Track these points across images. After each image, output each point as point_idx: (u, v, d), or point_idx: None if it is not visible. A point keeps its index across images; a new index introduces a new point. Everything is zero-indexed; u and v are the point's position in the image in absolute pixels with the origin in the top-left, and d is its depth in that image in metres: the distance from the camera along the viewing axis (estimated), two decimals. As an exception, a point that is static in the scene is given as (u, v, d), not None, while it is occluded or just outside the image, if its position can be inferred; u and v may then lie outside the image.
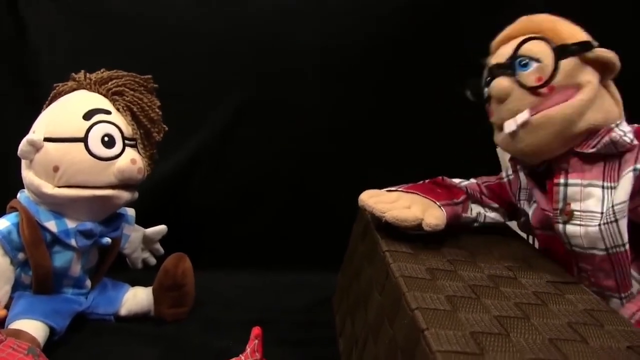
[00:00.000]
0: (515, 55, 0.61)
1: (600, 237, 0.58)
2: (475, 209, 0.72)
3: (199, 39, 0.95)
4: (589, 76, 0.59)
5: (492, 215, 0.73)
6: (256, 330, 0.62)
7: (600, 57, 0.59)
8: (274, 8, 0.94)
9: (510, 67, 0.61)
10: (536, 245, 0.70)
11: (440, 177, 0.72)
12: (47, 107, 0.71)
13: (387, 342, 0.47)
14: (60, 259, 0.69)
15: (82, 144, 0.65)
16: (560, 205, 0.62)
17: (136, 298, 0.76)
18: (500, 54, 0.64)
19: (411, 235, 0.61)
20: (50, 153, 0.66)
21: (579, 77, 0.59)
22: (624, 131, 0.59)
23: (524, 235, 0.73)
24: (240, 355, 0.60)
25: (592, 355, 0.40)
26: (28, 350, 0.47)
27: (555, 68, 0.58)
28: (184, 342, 0.71)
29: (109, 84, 0.71)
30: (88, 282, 0.73)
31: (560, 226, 0.61)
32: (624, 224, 0.56)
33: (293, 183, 0.97)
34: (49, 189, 0.66)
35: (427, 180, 0.71)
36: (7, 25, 0.91)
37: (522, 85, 0.60)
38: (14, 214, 0.68)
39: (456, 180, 0.73)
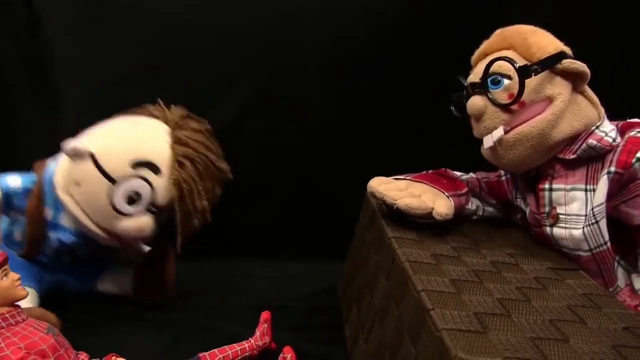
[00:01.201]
0: (486, 74, 0.63)
1: (583, 239, 0.60)
2: (474, 202, 0.73)
3: (207, 32, 0.96)
4: (559, 88, 0.61)
5: (489, 210, 0.75)
6: (265, 315, 0.64)
7: (568, 68, 0.60)
8: (281, 2, 0.95)
9: (483, 85, 0.63)
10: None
11: (443, 169, 0.74)
12: (116, 117, 0.70)
13: (394, 324, 0.49)
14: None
15: (109, 186, 0.64)
16: (547, 209, 0.64)
17: (115, 277, 0.78)
18: (476, 72, 0.66)
19: (417, 223, 0.62)
20: (83, 171, 0.65)
21: (549, 90, 0.61)
22: (604, 132, 0.61)
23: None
24: (250, 339, 0.62)
25: (590, 334, 0.42)
26: (47, 329, 0.49)
27: (521, 87, 0.60)
28: (194, 327, 0.72)
29: (188, 148, 0.68)
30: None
31: (548, 229, 0.64)
32: (604, 224, 0.59)
33: (299, 175, 0.99)
34: (62, 192, 0.67)
35: (430, 171, 0.73)
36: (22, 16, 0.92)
37: (494, 103, 0.62)
38: (30, 178, 0.69)
39: (457, 173, 0.75)
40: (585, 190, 0.61)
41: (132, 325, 0.72)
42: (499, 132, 0.62)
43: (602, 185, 0.58)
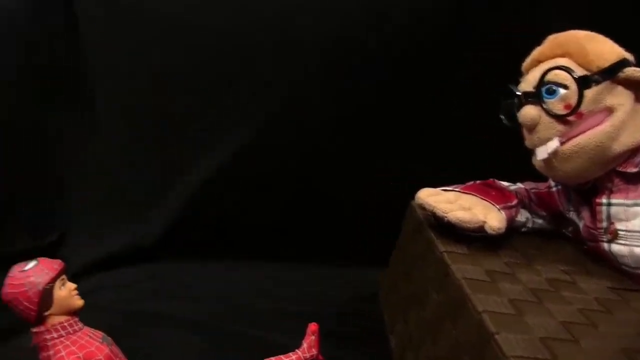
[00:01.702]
0: (541, 83, 0.60)
1: None
2: (524, 214, 0.71)
3: (209, 34, 0.96)
4: (620, 98, 0.58)
5: (539, 222, 0.73)
6: (313, 327, 0.63)
7: (632, 77, 0.57)
8: (281, 2, 0.94)
9: (537, 95, 0.60)
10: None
11: (491, 179, 0.72)
12: None
13: (450, 343, 0.48)
14: None
15: None
16: (605, 224, 0.61)
17: None
18: (529, 80, 0.63)
19: (465, 236, 0.61)
20: None
21: (609, 100, 0.58)
22: None
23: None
24: (297, 350, 0.61)
25: (666, 365, 0.40)
26: (102, 338, 0.49)
27: (580, 98, 0.57)
28: (228, 332, 0.73)
29: None
30: None
31: (605, 245, 0.61)
32: None
33: (300, 176, 0.98)
34: None
35: (477, 182, 0.71)
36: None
37: (549, 113, 0.59)
38: None
39: (505, 184, 0.73)
40: None
41: (163, 328, 0.72)
42: (554, 144, 0.59)
43: None
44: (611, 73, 0.58)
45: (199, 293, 0.86)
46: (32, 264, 0.48)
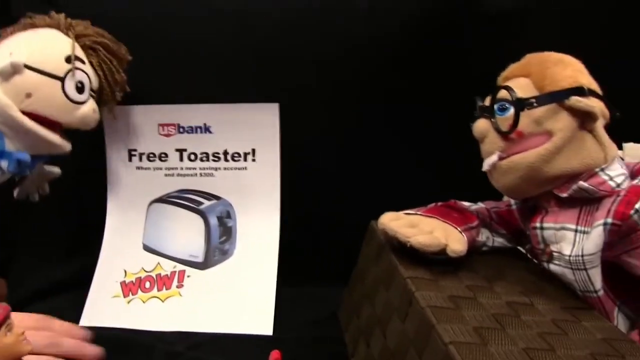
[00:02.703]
0: (494, 100, 0.64)
1: (574, 280, 0.60)
2: (484, 233, 0.73)
3: (201, 46, 0.93)
4: (562, 123, 0.60)
5: (500, 240, 0.75)
6: (275, 354, 0.62)
7: (575, 106, 0.59)
8: (279, 16, 0.93)
9: (490, 110, 0.64)
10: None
11: (453, 201, 0.73)
12: (16, 31, 0.74)
13: (417, 373, 0.48)
14: None
15: (59, 83, 0.71)
16: (542, 246, 0.64)
17: None
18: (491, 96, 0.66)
19: (427, 259, 0.62)
20: (28, 80, 0.69)
21: (550, 125, 0.60)
22: (609, 175, 0.59)
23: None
24: (260, 380, 0.61)
25: (622, 390, 0.42)
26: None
27: (516, 118, 0.61)
28: (185, 358, 0.72)
29: (87, 38, 0.76)
30: None
31: (545, 264, 0.64)
32: (594, 273, 0.58)
33: (292, 193, 0.96)
34: (14, 111, 0.68)
35: (439, 203, 0.72)
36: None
37: (495, 129, 0.63)
38: None
39: (466, 204, 0.74)
40: (575, 230, 0.60)
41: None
42: (493, 158, 0.63)
43: (597, 236, 0.56)
44: (553, 98, 0.60)
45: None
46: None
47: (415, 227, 0.63)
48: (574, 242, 0.60)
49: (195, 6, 0.93)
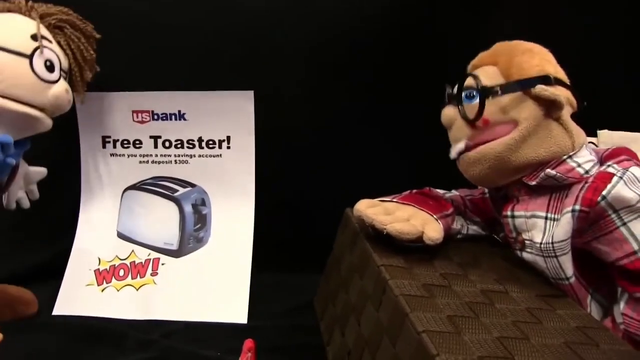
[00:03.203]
0: (461, 88, 0.64)
1: (545, 267, 0.60)
2: (459, 221, 0.73)
3: (187, 36, 0.92)
4: (527, 112, 0.60)
5: (474, 228, 0.75)
6: (249, 343, 0.61)
7: (540, 95, 0.59)
8: (265, 6, 0.92)
9: (457, 97, 0.64)
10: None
11: (427, 188, 0.73)
12: None
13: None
14: None
15: (27, 61, 0.67)
16: (514, 234, 0.64)
17: None
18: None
19: (401, 246, 0.61)
20: None
21: (515, 113, 0.60)
22: (577, 162, 0.60)
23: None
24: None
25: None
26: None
27: (481, 106, 0.61)
28: (172, 350, 0.70)
29: (51, 17, 0.73)
30: None
31: (519, 253, 0.64)
32: (565, 260, 0.58)
33: (267, 180, 0.95)
34: None
35: (414, 191, 0.72)
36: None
37: (462, 116, 0.63)
38: None
39: (441, 192, 0.74)
40: (546, 218, 0.60)
41: (109, 346, 0.70)
42: (460, 146, 0.64)
43: (565, 223, 0.57)
44: (520, 86, 0.60)
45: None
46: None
47: (392, 214, 0.62)
48: (544, 229, 0.60)
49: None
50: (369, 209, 0.63)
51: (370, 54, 0.93)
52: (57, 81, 0.70)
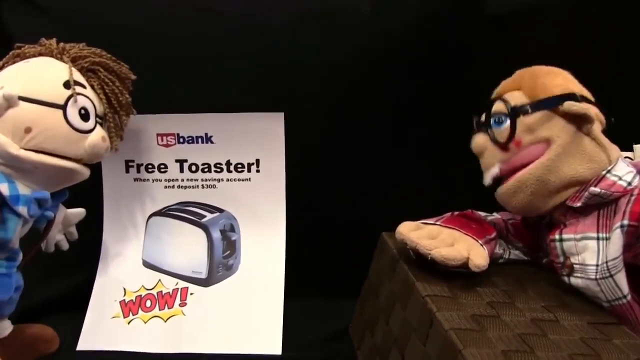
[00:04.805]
0: (489, 114, 0.64)
1: (600, 290, 0.58)
2: (501, 245, 0.71)
3: (201, 52, 0.90)
4: (557, 130, 0.60)
5: (516, 252, 0.72)
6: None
7: (570, 110, 0.59)
8: (279, 24, 0.90)
9: (486, 124, 0.65)
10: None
11: (470, 210, 0.71)
12: (7, 64, 0.68)
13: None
14: (4, 227, 0.63)
15: (60, 112, 0.64)
16: (561, 259, 0.62)
17: None
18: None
19: (443, 271, 0.59)
20: (25, 113, 0.62)
21: (545, 132, 0.60)
22: (618, 175, 0.59)
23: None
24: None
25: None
26: None
27: (512, 126, 0.61)
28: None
29: (84, 60, 0.70)
30: (20, 256, 0.68)
31: (566, 278, 0.61)
32: (620, 277, 0.56)
33: (297, 204, 0.93)
34: (14, 149, 0.62)
35: (455, 213, 0.70)
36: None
37: (493, 141, 0.63)
38: None
39: (482, 214, 0.72)
40: (597, 239, 0.58)
41: None
42: (494, 171, 0.64)
43: (616, 239, 0.55)
44: (547, 104, 0.61)
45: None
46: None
47: (435, 238, 0.61)
48: (597, 250, 0.58)
49: (195, 10, 0.90)
50: (412, 232, 0.61)
51: (399, 74, 0.92)
52: (92, 129, 0.67)
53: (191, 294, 0.83)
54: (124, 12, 0.89)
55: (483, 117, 0.65)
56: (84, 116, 0.66)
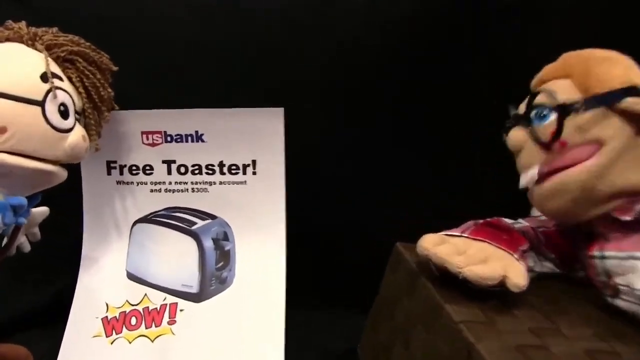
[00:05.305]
0: (529, 106, 0.57)
1: None
2: (532, 257, 0.63)
3: (191, 44, 0.86)
4: (613, 130, 0.52)
5: (548, 265, 0.65)
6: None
7: (630, 109, 0.51)
8: (280, 20, 0.86)
9: (526, 118, 0.57)
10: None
11: (496, 218, 0.63)
12: None
13: None
14: None
15: (39, 109, 0.57)
16: (603, 278, 0.54)
17: None
18: (525, 102, 0.59)
19: (471, 290, 0.52)
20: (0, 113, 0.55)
21: (598, 132, 0.52)
22: None
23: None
24: None
25: None
26: None
27: (559, 126, 0.53)
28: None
29: (60, 49, 0.62)
30: None
31: (610, 299, 0.54)
32: None
33: (298, 210, 0.87)
34: None
35: (480, 221, 0.62)
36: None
37: (534, 138, 0.56)
38: None
39: (509, 221, 0.65)
40: None
41: None
42: (532, 172, 0.56)
43: None
44: (604, 101, 0.52)
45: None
46: None
47: (463, 253, 0.53)
48: None
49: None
50: (437, 246, 0.54)
51: (400, 71, 0.88)
52: (72, 128, 0.60)
53: (181, 310, 0.76)
54: (104, 2, 0.85)
55: (522, 108, 0.58)
56: (64, 113, 0.59)
